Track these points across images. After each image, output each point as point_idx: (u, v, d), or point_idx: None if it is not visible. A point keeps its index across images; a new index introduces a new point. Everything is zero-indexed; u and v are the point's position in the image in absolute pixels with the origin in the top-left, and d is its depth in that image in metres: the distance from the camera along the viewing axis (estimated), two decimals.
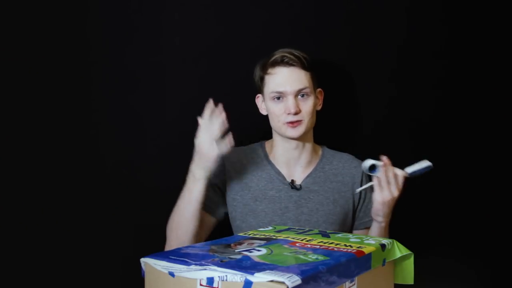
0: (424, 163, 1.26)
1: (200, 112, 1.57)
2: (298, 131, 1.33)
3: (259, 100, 1.42)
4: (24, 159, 1.46)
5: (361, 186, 1.39)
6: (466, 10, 1.63)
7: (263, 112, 1.41)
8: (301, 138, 1.36)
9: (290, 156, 1.39)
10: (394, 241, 1.01)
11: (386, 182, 1.23)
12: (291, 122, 1.32)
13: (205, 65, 1.57)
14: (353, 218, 1.42)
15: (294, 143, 1.37)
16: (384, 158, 1.23)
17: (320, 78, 1.50)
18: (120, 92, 1.54)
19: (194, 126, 1.57)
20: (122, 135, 1.55)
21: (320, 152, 1.44)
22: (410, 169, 1.26)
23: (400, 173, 1.24)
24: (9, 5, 1.43)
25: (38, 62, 1.46)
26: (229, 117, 1.50)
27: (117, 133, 1.54)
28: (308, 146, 1.40)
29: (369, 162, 1.24)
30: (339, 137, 1.59)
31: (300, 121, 1.33)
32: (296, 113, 1.31)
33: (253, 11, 1.57)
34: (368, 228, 1.39)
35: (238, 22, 1.57)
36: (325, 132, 1.51)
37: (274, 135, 1.41)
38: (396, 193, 1.24)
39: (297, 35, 1.58)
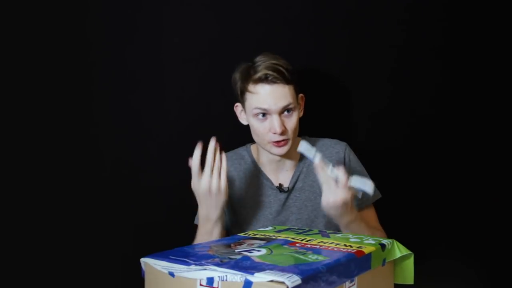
0: (367, 188, 1.11)
1: (199, 112, 1.58)
2: (284, 149, 1.29)
3: (238, 109, 1.37)
4: (24, 159, 1.46)
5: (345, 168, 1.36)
6: (465, 9, 1.63)
7: (243, 122, 1.36)
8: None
9: (276, 165, 1.38)
10: (394, 241, 1.00)
11: (325, 184, 1.12)
12: (277, 142, 1.28)
13: (205, 65, 1.57)
14: None
15: (278, 156, 1.34)
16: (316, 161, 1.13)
17: (319, 77, 1.51)
18: (120, 92, 1.54)
19: (194, 125, 1.58)
20: (122, 135, 1.55)
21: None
22: (354, 182, 1.12)
23: (341, 178, 1.11)
24: (9, 5, 1.43)
25: (39, 62, 1.46)
26: (228, 117, 1.50)
27: (117, 133, 1.54)
28: (292, 152, 1.34)
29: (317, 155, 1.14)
30: (338, 135, 1.59)
31: (286, 140, 1.28)
32: (282, 132, 1.26)
33: (253, 11, 1.57)
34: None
35: (238, 22, 1.57)
36: (324, 130, 1.51)
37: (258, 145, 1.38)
38: (339, 199, 1.10)
39: (297, 35, 1.58)
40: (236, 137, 1.48)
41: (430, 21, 1.63)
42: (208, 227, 1.23)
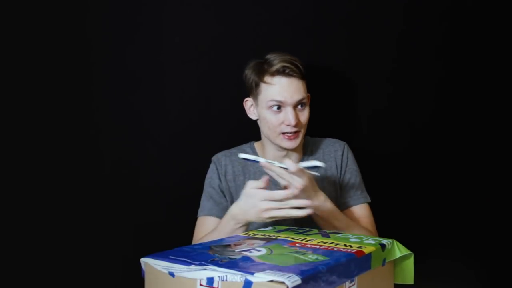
0: (316, 163, 1.18)
1: (199, 112, 1.58)
2: (296, 143, 1.31)
3: (247, 104, 1.38)
4: (24, 159, 1.45)
5: (341, 164, 1.39)
6: (466, 9, 1.63)
7: (252, 116, 1.38)
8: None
9: (281, 161, 1.38)
10: (394, 241, 1.01)
11: (281, 179, 1.17)
12: (289, 134, 1.30)
13: (205, 65, 1.57)
14: None
15: (285, 151, 1.36)
16: (262, 162, 1.18)
17: (319, 77, 1.50)
18: (121, 92, 1.54)
19: (194, 125, 1.58)
20: (122, 135, 1.55)
21: (303, 145, 1.42)
22: (304, 164, 1.19)
23: (292, 168, 1.13)
24: (9, 5, 1.43)
25: (39, 62, 1.46)
26: (228, 117, 1.50)
27: (117, 133, 1.54)
28: (298, 147, 1.37)
29: (242, 155, 1.21)
30: (338, 135, 1.59)
31: (298, 132, 1.31)
32: (295, 125, 1.28)
33: (253, 11, 1.57)
34: (346, 209, 1.37)
35: (238, 22, 1.57)
36: (324, 130, 1.51)
37: (265, 140, 1.39)
38: (298, 185, 1.13)
39: (296, 35, 1.58)
40: (236, 137, 1.48)
41: (430, 21, 1.63)
42: (232, 227, 1.19)
